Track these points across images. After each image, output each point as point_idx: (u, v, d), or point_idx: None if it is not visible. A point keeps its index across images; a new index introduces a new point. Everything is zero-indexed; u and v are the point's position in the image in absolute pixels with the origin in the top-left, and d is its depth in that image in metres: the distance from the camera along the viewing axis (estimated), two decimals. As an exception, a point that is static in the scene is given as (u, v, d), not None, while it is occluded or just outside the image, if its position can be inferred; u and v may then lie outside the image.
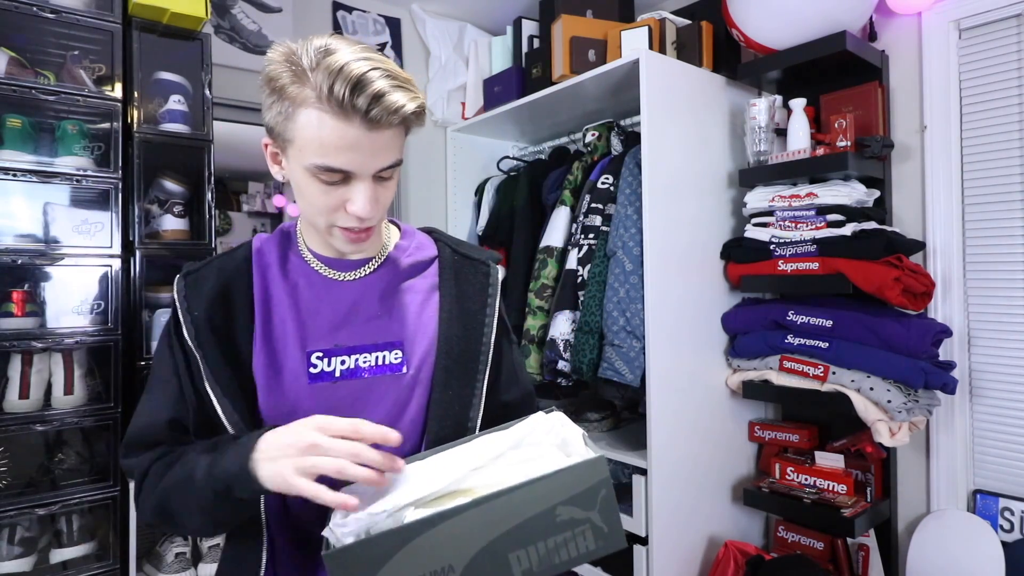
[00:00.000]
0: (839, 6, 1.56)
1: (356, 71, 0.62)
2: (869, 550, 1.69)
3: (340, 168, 0.66)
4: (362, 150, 0.66)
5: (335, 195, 0.69)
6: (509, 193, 2.27)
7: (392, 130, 0.67)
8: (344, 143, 0.65)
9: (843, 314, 1.59)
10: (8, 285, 1.52)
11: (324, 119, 0.64)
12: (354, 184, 0.69)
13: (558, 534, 0.55)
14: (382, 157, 0.68)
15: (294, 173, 0.71)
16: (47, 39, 1.61)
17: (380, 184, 0.71)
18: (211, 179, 1.74)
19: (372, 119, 0.64)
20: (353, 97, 0.62)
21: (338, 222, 0.72)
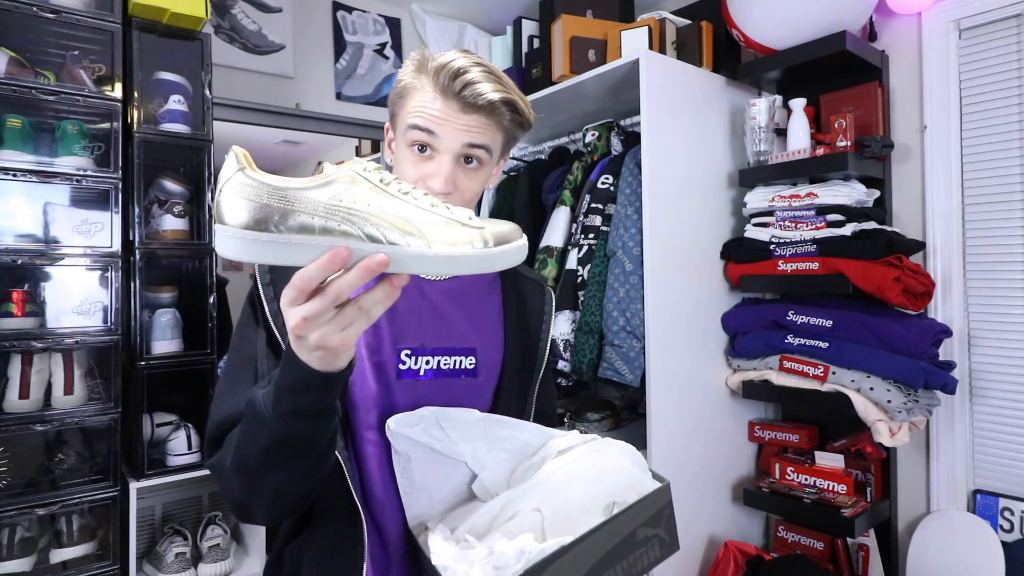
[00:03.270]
0: (839, 6, 1.56)
1: (459, 64, 0.73)
2: (869, 550, 1.69)
3: (427, 127, 0.73)
4: (450, 123, 0.74)
5: (421, 168, 0.75)
6: (509, 193, 2.27)
7: (482, 116, 0.74)
8: (438, 112, 0.74)
9: (843, 314, 1.59)
10: (8, 285, 1.52)
11: (427, 94, 0.74)
12: (437, 158, 0.75)
13: (637, 550, 0.64)
14: (468, 134, 0.74)
15: (397, 148, 0.79)
16: (47, 39, 1.61)
17: (463, 169, 0.76)
18: (211, 179, 1.74)
19: (464, 99, 0.73)
20: (452, 82, 0.72)
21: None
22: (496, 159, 0.81)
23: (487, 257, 0.54)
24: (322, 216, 0.49)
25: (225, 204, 0.49)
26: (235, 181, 0.49)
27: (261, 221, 0.48)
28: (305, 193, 0.49)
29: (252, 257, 0.49)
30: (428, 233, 0.52)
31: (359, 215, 0.51)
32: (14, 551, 1.47)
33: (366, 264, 0.49)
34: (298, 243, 0.49)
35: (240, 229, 0.48)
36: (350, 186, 0.51)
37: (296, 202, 0.49)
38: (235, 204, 0.49)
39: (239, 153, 0.51)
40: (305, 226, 0.49)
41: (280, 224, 0.48)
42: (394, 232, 0.51)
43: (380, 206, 0.52)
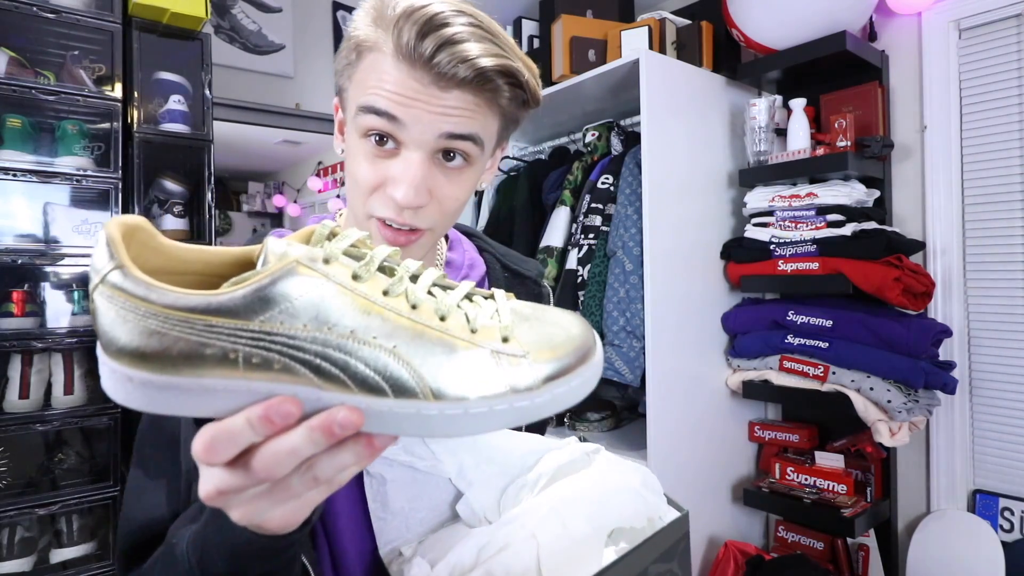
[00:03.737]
0: (839, 6, 1.56)
1: (430, 12, 0.49)
2: (869, 550, 1.69)
3: (387, 110, 0.51)
4: (419, 104, 0.51)
5: (380, 168, 0.54)
6: (509, 193, 2.27)
7: (468, 92, 0.52)
8: (401, 91, 0.51)
9: (843, 314, 1.59)
10: (8, 285, 1.52)
11: (386, 61, 0.51)
12: (403, 155, 0.54)
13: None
14: (447, 121, 0.52)
15: (348, 137, 0.57)
16: (47, 39, 1.61)
17: (441, 168, 0.55)
18: (211, 179, 1.74)
19: (438, 68, 0.50)
20: (420, 41, 0.49)
21: (375, 209, 0.55)
22: (490, 152, 0.59)
23: (531, 408, 0.35)
24: (250, 345, 0.32)
25: (100, 319, 0.32)
26: (109, 287, 0.32)
27: (152, 355, 0.32)
28: (222, 312, 0.32)
29: (147, 406, 0.33)
30: (430, 372, 0.34)
31: (312, 344, 0.33)
32: (14, 551, 1.47)
33: (322, 425, 0.32)
34: (214, 388, 0.32)
35: (123, 366, 0.32)
36: (298, 291, 0.33)
37: (207, 329, 0.32)
38: (111, 322, 0.32)
39: (113, 237, 0.32)
40: (223, 361, 0.32)
41: (183, 363, 0.32)
42: (370, 372, 0.33)
43: (349, 324, 0.33)
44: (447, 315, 0.36)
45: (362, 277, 0.35)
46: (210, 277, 0.37)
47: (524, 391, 0.35)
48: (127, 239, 0.33)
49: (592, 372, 0.37)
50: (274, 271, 0.33)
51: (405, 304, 0.35)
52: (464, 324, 0.36)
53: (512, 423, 0.35)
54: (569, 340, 0.37)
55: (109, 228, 0.33)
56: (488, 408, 0.34)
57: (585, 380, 0.37)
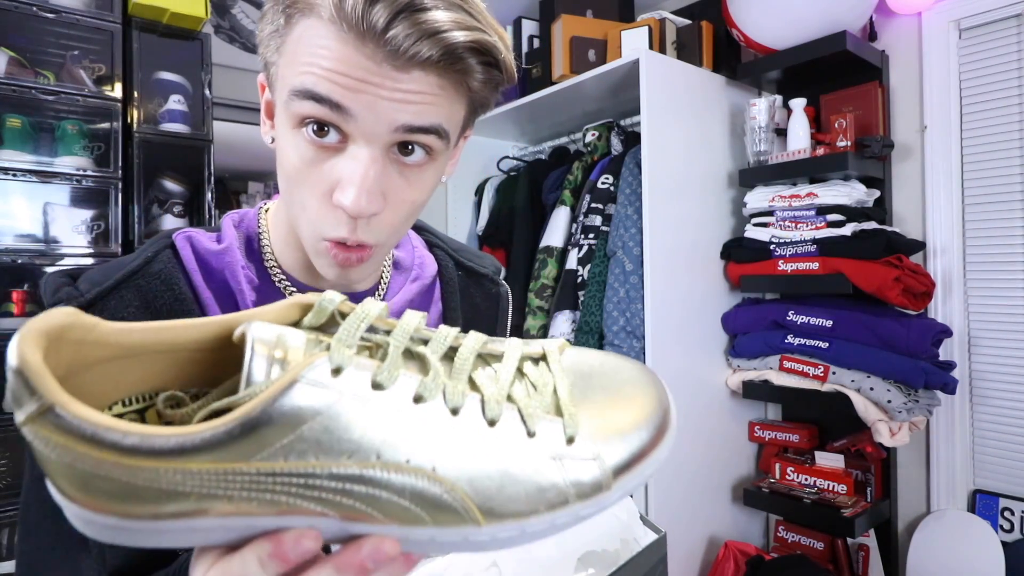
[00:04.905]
0: (839, 6, 1.56)
1: None
2: (869, 550, 1.69)
3: (329, 97, 0.40)
4: (371, 89, 0.40)
5: (322, 170, 0.43)
6: (509, 193, 2.27)
7: (431, 74, 0.41)
8: (346, 70, 0.40)
9: (843, 314, 1.59)
10: (8, 285, 1.52)
11: (326, 31, 0.40)
12: (351, 151, 0.43)
13: None
14: (406, 110, 0.41)
15: (279, 123, 0.46)
16: (47, 39, 1.61)
17: (397, 165, 0.45)
18: (211, 179, 1.74)
19: (394, 43, 0.39)
20: (369, 6, 0.38)
21: (324, 229, 0.45)
22: (454, 142, 0.49)
23: (598, 510, 0.30)
24: (248, 487, 0.25)
25: (39, 458, 0.24)
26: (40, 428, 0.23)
27: (117, 501, 0.24)
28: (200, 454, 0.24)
29: (123, 542, 0.26)
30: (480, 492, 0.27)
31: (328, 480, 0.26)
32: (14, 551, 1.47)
33: (351, 561, 0.26)
34: (205, 528, 0.26)
35: (79, 508, 0.25)
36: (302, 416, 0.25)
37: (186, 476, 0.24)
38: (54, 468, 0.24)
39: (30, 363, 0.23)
40: (212, 501, 0.25)
41: (156, 506, 0.25)
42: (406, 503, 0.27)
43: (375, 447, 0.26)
44: (497, 418, 0.29)
45: (385, 385, 0.27)
46: (176, 353, 0.29)
47: (591, 496, 0.29)
48: (54, 351, 0.25)
49: (667, 446, 0.31)
50: (266, 397, 0.25)
51: (444, 411, 0.28)
52: (519, 427, 0.29)
53: (572, 526, 0.30)
54: (640, 417, 0.31)
55: (22, 348, 0.23)
56: (549, 523, 0.28)
57: (661, 460, 0.31)
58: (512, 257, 2.14)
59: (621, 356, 0.35)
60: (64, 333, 0.26)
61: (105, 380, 0.28)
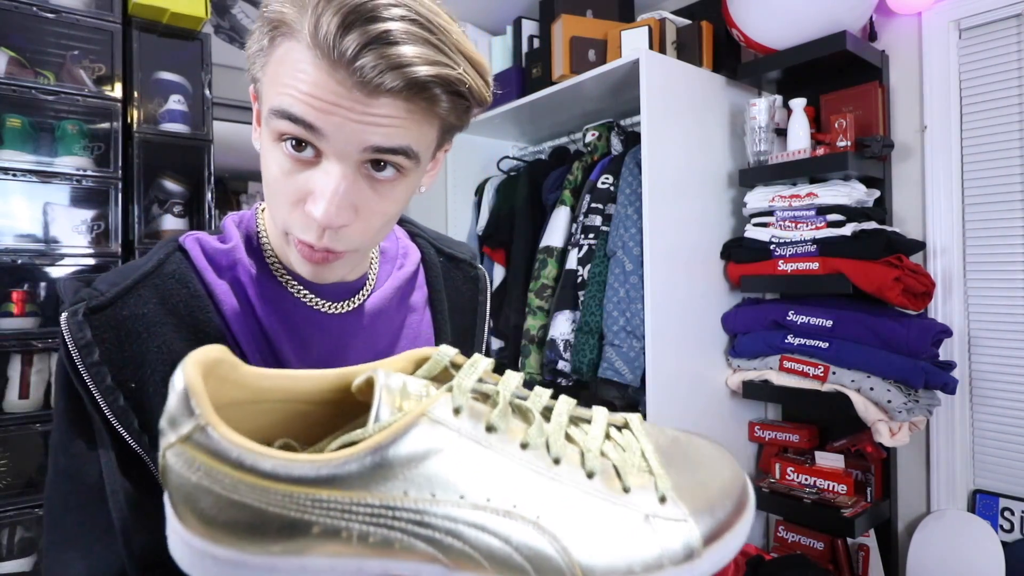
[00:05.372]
0: (839, 6, 1.56)
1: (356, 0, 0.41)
2: (869, 550, 1.69)
3: (303, 118, 0.43)
4: (342, 112, 0.43)
5: (297, 180, 0.46)
6: (509, 193, 2.27)
7: (398, 100, 0.43)
8: (319, 94, 0.43)
9: (843, 314, 1.59)
10: (8, 285, 1.52)
11: (303, 55, 0.43)
12: (324, 166, 0.46)
13: None
14: (375, 132, 0.44)
15: (263, 137, 0.49)
16: (47, 39, 1.61)
17: (369, 182, 0.47)
18: (211, 179, 1.74)
19: (362, 72, 0.41)
20: (341, 37, 0.40)
21: (293, 228, 0.49)
22: (428, 159, 0.51)
23: (689, 572, 0.30)
24: (367, 522, 0.27)
25: (172, 480, 0.27)
26: (191, 448, 0.26)
27: (244, 531, 0.26)
28: (333, 483, 0.26)
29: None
30: (577, 545, 0.28)
31: (441, 519, 0.27)
32: (14, 551, 1.47)
33: None
34: (318, 569, 0.27)
35: (203, 541, 0.26)
36: (424, 452, 0.27)
37: (313, 504, 0.26)
38: (189, 489, 0.26)
39: (193, 383, 0.27)
40: (332, 538, 0.26)
41: (281, 539, 0.26)
42: (509, 549, 0.28)
43: (485, 491, 0.28)
44: (595, 472, 0.30)
45: (498, 428, 0.29)
46: (299, 405, 0.32)
47: (684, 561, 0.30)
48: (208, 378, 0.28)
49: (749, 521, 0.33)
50: (396, 429, 0.27)
51: (547, 460, 0.30)
52: (615, 481, 0.30)
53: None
54: (723, 486, 0.33)
55: (188, 372, 0.27)
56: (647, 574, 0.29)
57: (744, 534, 0.33)
58: (512, 257, 2.14)
59: (693, 431, 0.36)
60: (215, 368, 0.29)
61: (231, 421, 0.29)
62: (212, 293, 0.53)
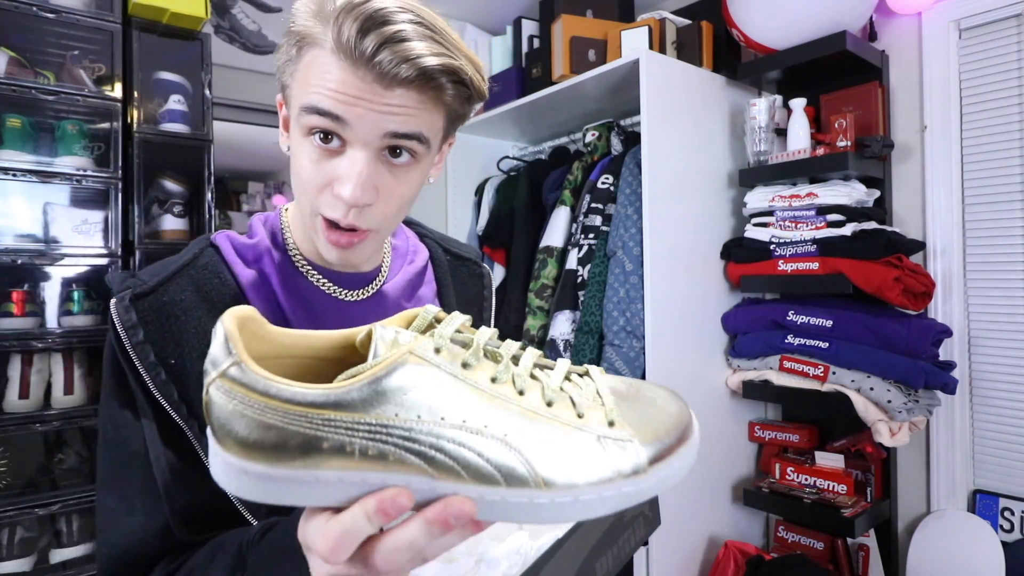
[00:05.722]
0: (839, 6, 1.56)
1: (373, 7, 0.48)
2: (869, 550, 1.69)
3: (330, 111, 0.50)
4: (363, 103, 0.50)
5: (325, 167, 0.54)
6: (509, 193, 2.27)
7: (412, 91, 0.51)
8: (344, 89, 0.50)
9: (843, 314, 1.59)
10: (8, 285, 1.52)
11: (328, 59, 0.50)
12: (348, 154, 0.53)
13: (625, 532, 0.58)
14: (392, 119, 0.51)
15: (292, 133, 0.57)
16: (47, 39, 1.61)
17: (387, 165, 0.55)
18: (211, 179, 1.74)
19: (380, 67, 0.49)
20: (361, 39, 0.48)
21: (322, 208, 0.55)
22: (437, 147, 0.59)
23: (637, 493, 0.36)
24: (366, 438, 0.33)
25: (216, 411, 0.33)
26: (227, 381, 0.33)
27: (270, 449, 0.33)
28: (340, 406, 0.33)
29: (261, 497, 0.34)
30: (540, 460, 0.34)
31: (427, 436, 0.33)
32: (14, 551, 1.47)
33: (438, 518, 0.33)
34: (328, 480, 0.33)
35: (239, 458, 0.33)
36: (412, 382, 0.34)
37: (325, 423, 0.33)
38: (228, 415, 0.33)
39: (231, 331, 0.34)
40: (339, 452, 0.33)
41: (299, 455, 0.33)
42: (482, 461, 0.33)
43: (461, 414, 0.34)
44: (553, 400, 0.36)
45: (471, 365, 0.35)
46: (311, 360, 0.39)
47: (631, 475, 0.35)
48: (241, 331, 0.34)
49: (692, 450, 0.38)
50: (388, 363, 0.34)
51: (513, 390, 0.36)
52: (571, 409, 0.36)
53: (619, 507, 0.36)
54: (669, 419, 0.38)
55: (226, 322, 0.34)
56: (597, 495, 0.35)
57: (686, 460, 0.38)
58: (512, 257, 2.14)
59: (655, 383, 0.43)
60: (247, 323, 0.35)
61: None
62: (240, 282, 0.61)
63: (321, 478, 0.33)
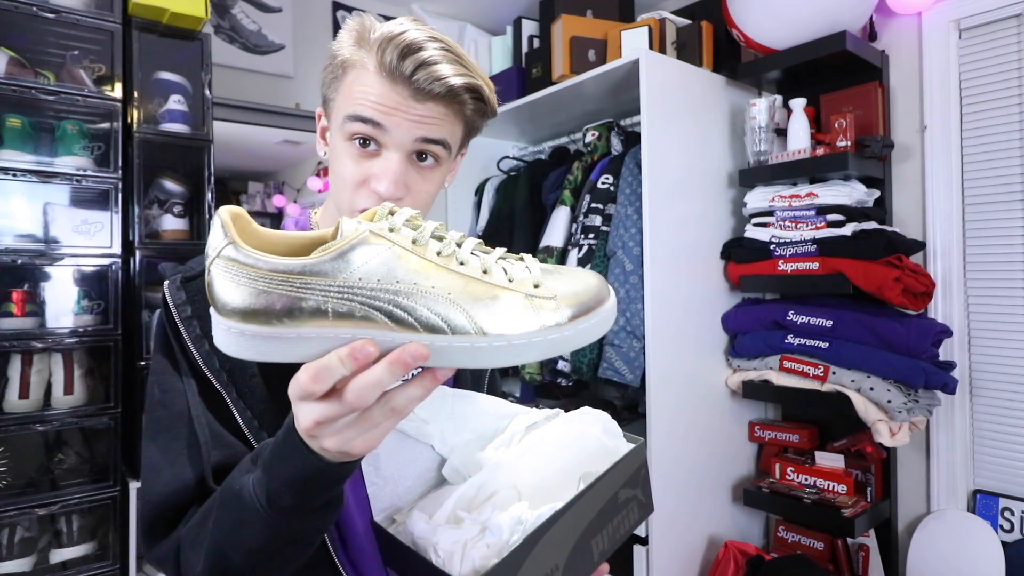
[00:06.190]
0: (839, 6, 1.56)
1: (410, 38, 0.60)
2: (869, 550, 1.69)
3: (372, 119, 0.61)
4: (400, 113, 0.62)
5: (364, 167, 0.64)
6: (509, 193, 2.27)
7: (440, 104, 0.63)
8: (384, 101, 0.61)
9: (843, 314, 1.59)
10: (8, 285, 1.52)
11: (371, 78, 0.62)
12: (384, 155, 0.63)
13: (619, 513, 0.61)
14: (423, 127, 0.63)
15: (333, 140, 0.67)
16: (47, 39, 1.61)
17: (415, 167, 0.65)
18: (211, 179, 1.74)
19: (416, 84, 0.60)
20: (401, 62, 0.60)
21: (358, 203, 0.65)
22: (454, 154, 0.70)
23: (561, 341, 0.44)
24: (337, 298, 0.40)
25: (216, 287, 0.40)
26: (224, 259, 0.40)
27: (260, 312, 0.40)
28: (314, 272, 0.40)
29: (255, 355, 0.41)
30: (479, 313, 0.42)
31: (385, 294, 0.41)
32: (14, 551, 1.47)
33: (398, 358, 0.40)
34: (309, 336, 0.41)
35: (236, 323, 0.40)
36: (371, 255, 0.41)
37: (303, 286, 0.40)
38: (226, 288, 0.40)
39: (226, 220, 0.41)
40: (316, 313, 0.40)
41: (284, 316, 0.40)
42: (432, 315, 0.41)
43: (413, 278, 0.41)
44: (489, 269, 0.44)
45: (420, 242, 0.43)
46: (291, 255, 0.44)
47: (554, 327, 0.43)
48: (234, 223, 0.41)
49: (608, 312, 0.46)
50: (352, 239, 0.41)
51: (455, 262, 0.43)
52: (503, 276, 0.44)
53: (547, 354, 0.44)
54: (588, 287, 0.46)
55: (222, 214, 0.41)
56: (527, 340, 0.42)
57: (603, 319, 0.46)
58: (512, 257, 2.14)
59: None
60: (237, 218, 0.42)
61: None
62: None
63: (303, 334, 0.40)
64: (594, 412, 0.68)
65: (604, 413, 0.68)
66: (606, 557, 0.60)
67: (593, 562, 0.58)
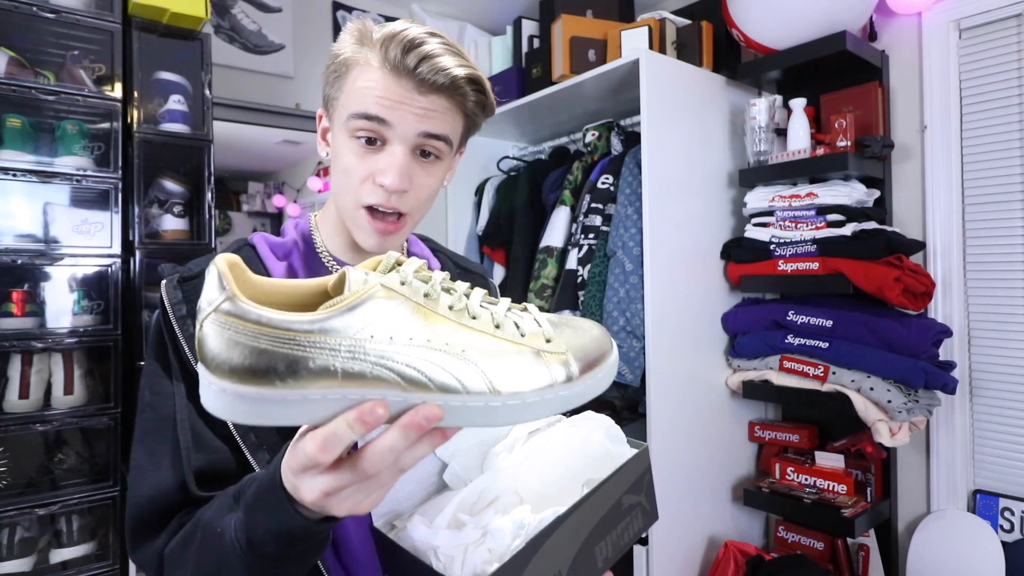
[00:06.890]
0: (839, 6, 1.56)
1: (412, 34, 0.62)
2: (869, 550, 1.69)
3: (377, 115, 0.62)
4: (404, 107, 0.63)
5: (368, 162, 0.65)
6: (509, 193, 2.27)
7: (442, 97, 0.64)
8: (389, 96, 0.62)
9: (843, 314, 1.59)
10: (8, 285, 1.52)
11: (375, 73, 0.62)
12: (388, 149, 0.64)
13: (623, 520, 0.61)
14: (426, 121, 0.64)
15: (335, 139, 0.68)
16: (47, 39, 1.60)
17: (418, 162, 0.66)
18: (211, 179, 1.74)
19: (420, 77, 0.62)
20: (404, 56, 0.61)
21: (364, 198, 0.66)
22: (455, 151, 0.71)
23: (571, 396, 0.43)
24: (347, 357, 0.37)
25: (210, 344, 0.36)
26: (221, 314, 0.36)
27: (261, 372, 0.36)
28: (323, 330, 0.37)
29: (253, 419, 0.37)
30: (493, 371, 0.40)
31: (398, 353, 0.38)
32: (14, 551, 1.47)
33: (412, 422, 0.38)
34: (314, 399, 0.37)
35: (232, 383, 0.36)
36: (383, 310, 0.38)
37: (311, 344, 0.37)
38: (223, 346, 0.36)
39: (224, 271, 0.37)
40: (324, 373, 0.37)
41: (289, 376, 0.36)
42: (446, 374, 0.39)
43: (427, 335, 0.39)
44: (501, 324, 0.43)
45: (432, 296, 0.41)
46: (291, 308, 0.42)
47: (565, 382, 0.43)
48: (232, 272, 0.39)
49: (612, 365, 0.47)
50: (362, 294, 0.39)
51: (467, 316, 0.42)
52: (515, 331, 0.43)
53: (559, 409, 0.43)
54: (593, 340, 0.46)
55: (219, 264, 0.38)
56: (540, 398, 0.41)
57: (608, 371, 0.46)
58: (512, 257, 2.14)
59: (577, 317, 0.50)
60: (235, 267, 0.39)
61: None
62: (271, 273, 0.70)
63: (308, 396, 0.37)
64: (597, 417, 0.68)
65: (608, 418, 0.67)
66: (610, 564, 0.59)
67: (597, 569, 0.57)
